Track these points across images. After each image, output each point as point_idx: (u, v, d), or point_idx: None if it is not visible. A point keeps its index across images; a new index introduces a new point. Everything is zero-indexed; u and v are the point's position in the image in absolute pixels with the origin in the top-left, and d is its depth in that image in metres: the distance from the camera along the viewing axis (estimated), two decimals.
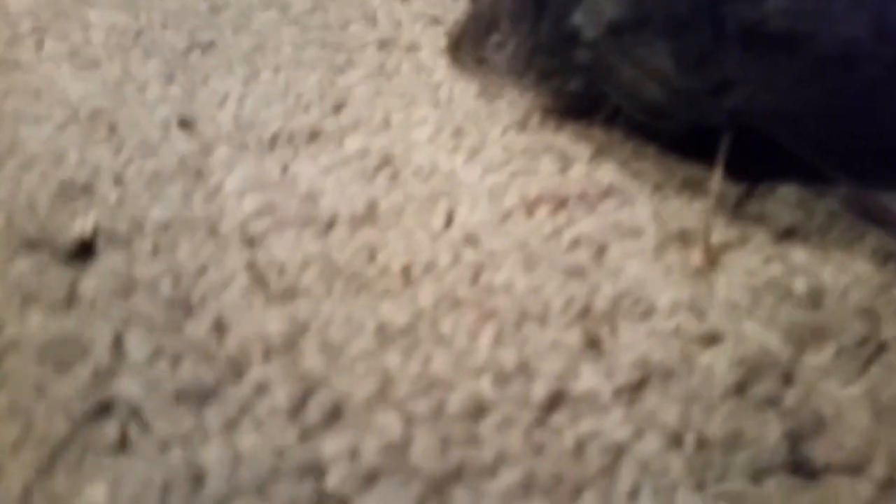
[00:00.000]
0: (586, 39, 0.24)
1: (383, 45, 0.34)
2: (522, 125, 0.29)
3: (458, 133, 0.29)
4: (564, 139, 0.28)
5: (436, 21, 0.35)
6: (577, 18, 0.25)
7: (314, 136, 0.29)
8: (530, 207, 0.26)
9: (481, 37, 0.31)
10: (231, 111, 0.30)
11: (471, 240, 0.25)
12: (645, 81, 0.24)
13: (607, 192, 0.26)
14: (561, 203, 0.26)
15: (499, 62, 0.30)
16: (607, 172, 0.27)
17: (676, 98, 0.24)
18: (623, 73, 0.25)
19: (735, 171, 0.26)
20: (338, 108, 0.30)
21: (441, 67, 0.32)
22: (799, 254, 0.24)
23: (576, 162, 0.28)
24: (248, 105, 0.30)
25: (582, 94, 0.27)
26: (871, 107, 0.23)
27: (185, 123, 0.29)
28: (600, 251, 0.24)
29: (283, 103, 0.30)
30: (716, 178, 0.25)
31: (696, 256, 0.24)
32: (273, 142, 0.29)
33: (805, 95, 0.23)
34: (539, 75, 0.28)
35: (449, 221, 0.26)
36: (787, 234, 0.24)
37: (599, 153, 0.28)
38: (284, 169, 0.27)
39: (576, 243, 0.25)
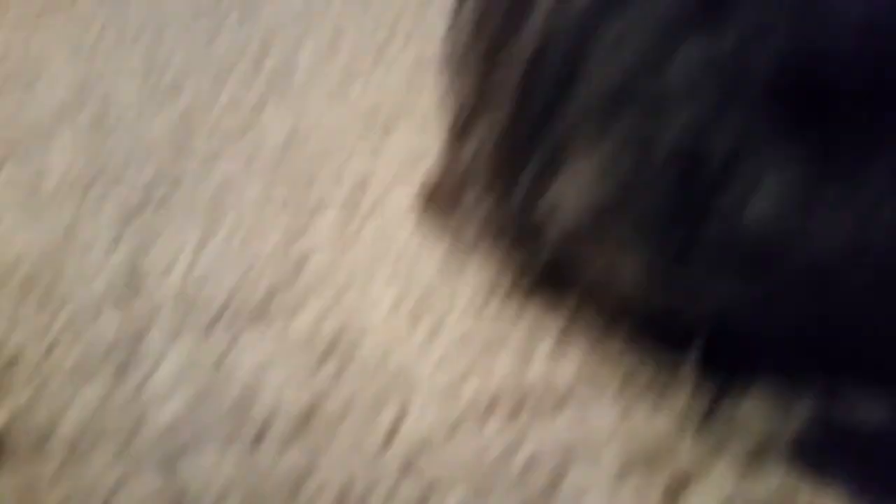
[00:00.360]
0: (558, 223, 0.22)
1: (348, 203, 0.32)
2: (485, 305, 0.27)
3: (416, 314, 0.27)
4: (527, 324, 0.26)
5: (407, 175, 0.33)
6: (552, 198, 0.22)
7: (261, 313, 0.27)
8: (485, 413, 0.24)
9: (449, 201, 0.29)
10: (177, 279, 0.28)
11: (415, 460, 0.22)
12: (615, 276, 0.22)
13: (567, 397, 0.24)
14: (518, 406, 0.24)
15: (467, 229, 0.28)
16: (569, 370, 0.25)
17: (646, 296, 0.22)
18: (594, 263, 0.22)
19: (706, 371, 0.23)
20: (291, 280, 0.28)
21: (406, 231, 0.31)
22: (770, 479, 0.21)
23: (537, 353, 0.25)
24: (196, 272, 0.29)
25: (550, 273, 0.25)
26: (851, 318, 0.21)
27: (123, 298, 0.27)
28: (557, 477, 0.22)
29: (234, 271, 0.29)
30: (679, 392, 0.22)
31: (656, 490, 0.21)
32: (215, 321, 0.27)
33: (780, 308, 0.21)
34: (506, 250, 0.26)
35: (394, 432, 0.23)
36: (760, 451, 0.22)
37: (563, 342, 0.25)
38: (221, 358, 0.25)
39: (531, 464, 0.22)
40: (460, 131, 0.26)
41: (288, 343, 0.26)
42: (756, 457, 0.22)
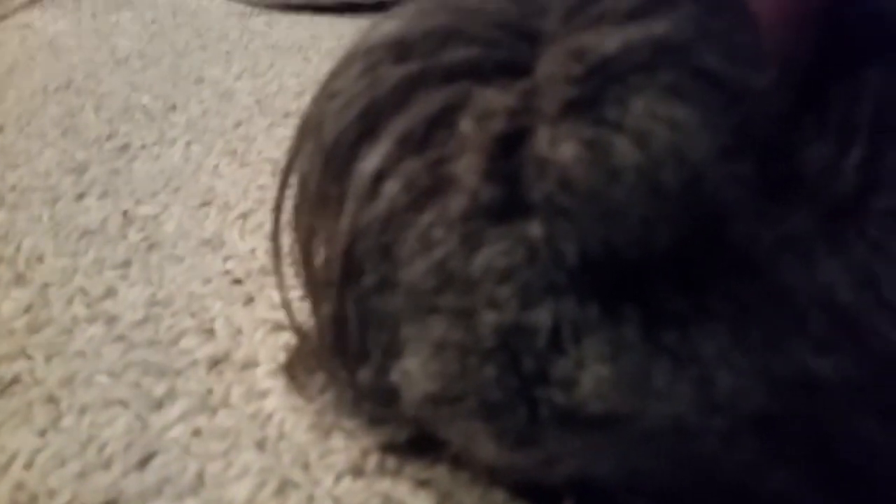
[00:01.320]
0: (411, 395, 0.21)
1: (215, 363, 0.30)
2: (358, 470, 0.25)
3: (283, 488, 0.25)
4: (405, 487, 0.24)
5: (280, 327, 0.32)
6: (401, 371, 0.22)
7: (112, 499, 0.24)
8: None
9: (311, 370, 0.28)
10: (13, 478, 0.25)
11: None
12: (474, 446, 0.21)
13: None
14: None
15: (331, 397, 0.27)
16: None
17: (509, 464, 0.21)
18: (453, 438, 0.22)
19: None
20: (144, 462, 0.26)
21: (277, 390, 0.29)
22: None
23: None
24: (37, 467, 0.26)
25: (416, 441, 0.24)
26: (710, 474, 0.20)
27: None
28: None
29: (80, 460, 0.26)
30: None
31: None
32: None
33: (638, 464, 0.20)
34: (368, 421, 0.25)
35: None
36: None
37: (446, 497, 0.24)
38: None
39: None
40: (312, 304, 0.25)
41: None
42: None
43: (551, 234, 0.18)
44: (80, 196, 0.44)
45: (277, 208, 0.26)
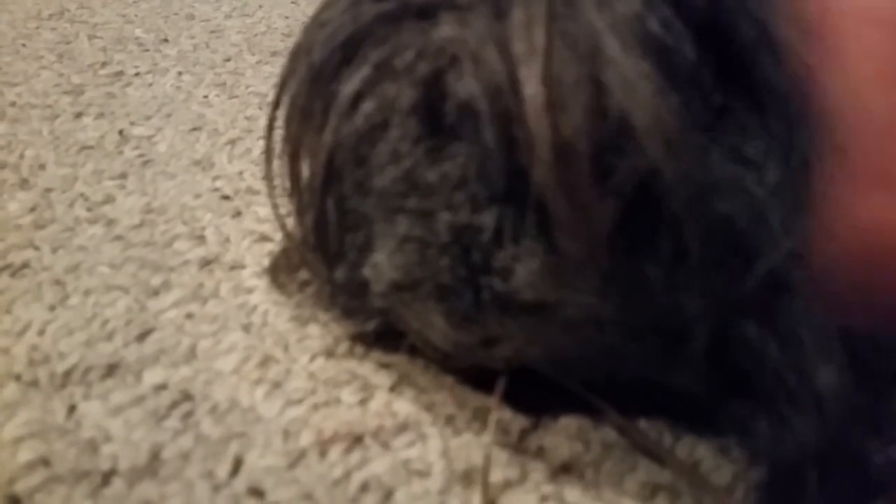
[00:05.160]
0: (375, 291, 0.26)
1: (206, 263, 0.34)
2: (330, 352, 0.29)
3: (265, 362, 0.29)
4: (369, 367, 0.29)
5: (264, 238, 0.36)
6: (367, 272, 0.26)
7: (111, 369, 0.28)
8: (324, 447, 0.26)
9: (293, 269, 0.32)
10: (28, 342, 0.29)
11: (255, 491, 0.24)
12: (428, 331, 0.25)
13: (402, 427, 0.26)
14: (357, 440, 0.26)
15: (309, 293, 0.31)
16: (405, 404, 0.27)
17: (455, 347, 0.25)
18: (410, 322, 0.26)
19: (521, 405, 0.27)
20: (143, 336, 0.30)
21: (261, 288, 0.33)
22: (573, 492, 0.24)
23: (377, 392, 0.28)
24: (48, 335, 0.30)
25: (382, 331, 0.28)
26: (621, 358, 0.25)
27: None
28: (387, 496, 0.24)
29: (86, 332, 0.30)
30: (491, 421, 0.25)
31: (476, 498, 0.24)
32: (66, 377, 0.28)
33: (563, 349, 0.24)
34: (341, 312, 0.29)
35: (239, 462, 0.25)
36: (564, 470, 0.25)
37: (401, 382, 0.28)
38: (71, 410, 0.26)
39: (364, 488, 0.24)
40: (296, 212, 0.29)
41: (136, 396, 0.27)
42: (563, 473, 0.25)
43: (484, 154, 0.23)
44: (78, 115, 0.47)
45: (270, 123, 0.30)
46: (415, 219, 0.24)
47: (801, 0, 0.25)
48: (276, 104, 0.29)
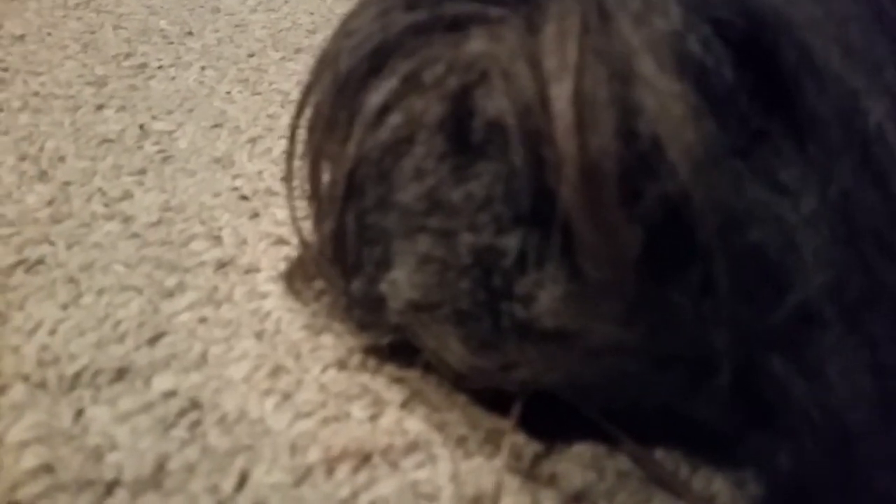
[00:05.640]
0: (392, 308, 0.25)
1: (221, 265, 0.34)
2: (343, 364, 0.29)
3: (276, 371, 0.28)
4: (381, 381, 0.28)
5: (281, 241, 0.35)
6: (389, 282, 0.25)
7: (121, 373, 0.28)
8: (332, 464, 0.25)
9: (309, 276, 0.31)
10: (39, 342, 0.29)
11: (265, 502, 0.23)
12: (444, 352, 0.25)
13: (412, 447, 0.26)
14: (365, 458, 0.25)
15: (324, 302, 0.30)
16: (416, 422, 0.26)
17: (471, 370, 0.24)
18: (426, 341, 0.25)
19: (534, 430, 0.26)
20: (154, 339, 0.29)
21: (276, 293, 0.32)
22: None
23: (388, 408, 0.27)
24: (59, 335, 0.29)
25: (397, 345, 0.27)
26: (643, 387, 0.24)
27: None
28: None
29: (97, 333, 0.29)
30: (505, 445, 0.25)
31: None
32: (75, 380, 0.27)
33: (583, 376, 0.24)
34: (356, 325, 0.29)
35: (245, 477, 0.24)
36: (577, 499, 0.24)
37: (413, 398, 0.27)
38: (78, 415, 0.26)
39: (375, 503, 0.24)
40: (315, 220, 0.28)
41: (145, 402, 0.27)
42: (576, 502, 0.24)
43: (511, 173, 0.22)
44: (100, 107, 0.47)
45: (293, 129, 0.29)
46: (436, 238, 0.23)
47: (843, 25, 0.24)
48: (299, 112, 0.28)
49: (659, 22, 0.21)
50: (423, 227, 0.24)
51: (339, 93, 0.26)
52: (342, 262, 0.28)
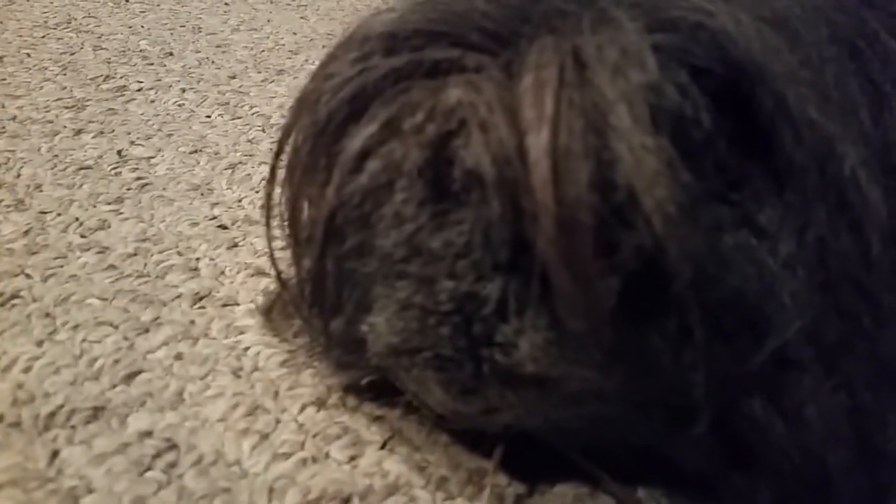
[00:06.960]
0: (372, 351, 0.25)
1: (198, 298, 0.33)
2: (322, 402, 0.29)
3: (253, 410, 0.28)
4: (361, 420, 0.28)
5: (260, 273, 0.35)
6: (369, 324, 0.25)
7: (97, 412, 0.27)
8: (316, 500, 0.25)
9: (288, 314, 0.31)
10: (14, 380, 0.28)
11: None
12: (425, 396, 0.25)
13: (392, 489, 0.25)
14: (344, 501, 0.25)
15: (303, 338, 0.30)
16: (396, 463, 0.26)
17: (452, 413, 0.24)
18: (407, 384, 0.25)
19: (516, 470, 0.26)
20: (130, 377, 0.29)
21: (254, 328, 0.32)
22: None
23: (368, 448, 0.27)
24: (34, 372, 0.29)
25: (377, 383, 0.27)
26: (623, 430, 0.24)
27: None
28: None
29: (72, 370, 0.29)
30: (486, 487, 0.25)
31: None
32: (50, 420, 0.27)
33: (562, 421, 0.24)
34: (336, 365, 0.28)
35: None
36: None
37: (393, 438, 0.27)
38: (53, 456, 0.26)
39: None
40: (293, 259, 0.28)
41: (120, 443, 0.26)
42: None
43: (490, 222, 0.22)
44: (78, 132, 0.46)
45: (272, 171, 0.29)
46: (416, 285, 0.23)
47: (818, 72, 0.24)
48: (278, 152, 0.28)
49: (635, 74, 0.21)
50: (403, 273, 0.24)
51: (318, 136, 0.26)
52: (321, 302, 0.27)
